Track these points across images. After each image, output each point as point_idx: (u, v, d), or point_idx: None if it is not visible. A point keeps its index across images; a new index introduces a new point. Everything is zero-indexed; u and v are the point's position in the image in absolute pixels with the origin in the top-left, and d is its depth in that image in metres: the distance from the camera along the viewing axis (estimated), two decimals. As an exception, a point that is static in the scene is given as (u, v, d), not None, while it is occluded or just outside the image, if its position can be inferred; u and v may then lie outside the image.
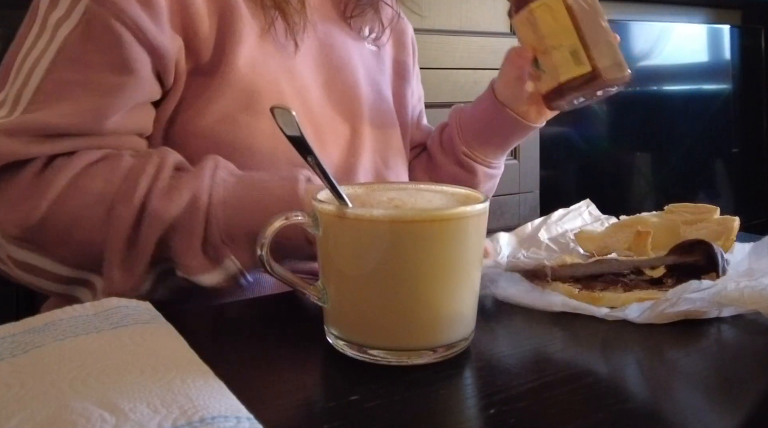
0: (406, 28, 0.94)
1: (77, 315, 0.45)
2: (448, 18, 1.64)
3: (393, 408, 0.39)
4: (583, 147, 2.17)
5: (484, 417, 0.39)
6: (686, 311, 0.51)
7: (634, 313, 0.52)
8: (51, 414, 0.33)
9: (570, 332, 0.52)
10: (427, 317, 0.45)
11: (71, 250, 0.57)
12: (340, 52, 0.80)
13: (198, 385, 0.36)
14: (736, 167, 2.57)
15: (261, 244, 0.46)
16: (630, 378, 0.44)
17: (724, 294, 0.50)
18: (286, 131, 0.44)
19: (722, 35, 2.61)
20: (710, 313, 0.52)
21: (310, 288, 0.47)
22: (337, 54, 0.79)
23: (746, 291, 0.50)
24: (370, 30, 0.85)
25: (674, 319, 0.51)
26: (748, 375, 0.44)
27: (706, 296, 0.51)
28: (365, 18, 0.84)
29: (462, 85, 1.66)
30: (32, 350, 0.40)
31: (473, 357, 0.46)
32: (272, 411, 0.39)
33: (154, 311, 0.47)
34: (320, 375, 0.45)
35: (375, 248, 0.44)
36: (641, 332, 0.50)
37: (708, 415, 0.39)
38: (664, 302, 0.51)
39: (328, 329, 0.48)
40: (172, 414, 0.32)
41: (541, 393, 0.40)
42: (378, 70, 0.86)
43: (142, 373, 0.37)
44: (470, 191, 0.50)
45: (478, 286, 0.47)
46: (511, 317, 0.56)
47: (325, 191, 0.46)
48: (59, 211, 0.56)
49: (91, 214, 0.56)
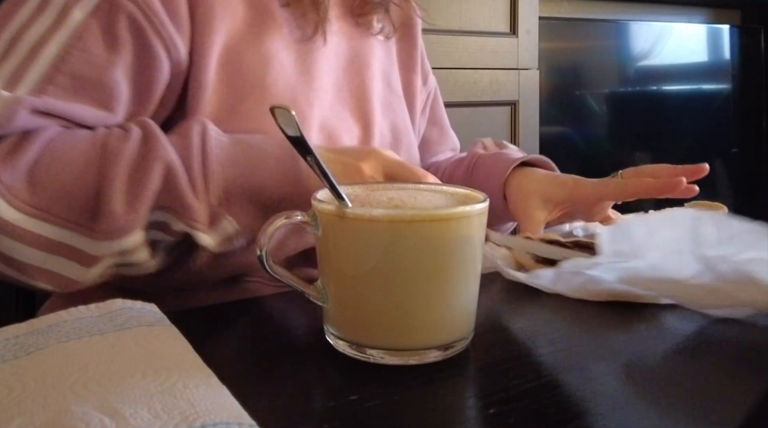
0: (415, 23, 0.92)
1: (81, 317, 0.45)
2: (448, 18, 1.64)
3: (393, 408, 0.39)
4: (583, 147, 2.17)
5: (483, 416, 0.39)
6: (607, 290, 0.56)
7: (547, 281, 0.58)
8: (51, 418, 0.33)
9: (570, 332, 0.52)
10: (426, 317, 0.45)
11: (66, 200, 0.54)
12: (352, 47, 0.80)
13: (201, 390, 0.35)
14: (735, 167, 2.57)
15: (261, 244, 0.46)
16: (630, 377, 0.44)
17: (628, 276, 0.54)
18: (286, 130, 0.44)
19: (722, 35, 2.61)
20: (645, 298, 0.56)
21: (310, 288, 0.48)
22: (348, 49, 0.79)
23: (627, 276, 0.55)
24: (379, 27, 0.84)
25: (598, 298, 0.56)
26: (749, 374, 0.44)
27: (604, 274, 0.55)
28: (375, 17, 0.83)
29: (461, 85, 1.66)
30: (35, 352, 0.40)
31: (473, 356, 0.46)
32: (271, 411, 0.39)
33: (159, 313, 0.47)
34: (320, 375, 0.45)
35: (375, 248, 0.44)
36: (641, 332, 0.50)
37: (708, 415, 0.39)
38: (567, 274, 0.57)
39: (327, 329, 0.48)
40: (174, 419, 0.32)
41: (540, 393, 0.41)
42: (388, 62, 0.85)
43: (144, 377, 0.37)
44: (470, 191, 0.50)
45: (477, 286, 0.47)
46: (511, 317, 0.56)
47: (325, 191, 0.46)
48: (48, 153, 0.54)
49: (81, 155, 0.55)
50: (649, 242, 0.53)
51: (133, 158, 0.55)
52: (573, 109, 2.22)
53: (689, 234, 0.51)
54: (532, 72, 1.78)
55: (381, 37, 0.84)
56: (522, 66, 1.76)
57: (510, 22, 1.74)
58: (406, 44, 0.89)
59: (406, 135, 0.85)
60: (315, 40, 0.73)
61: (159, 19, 0.60)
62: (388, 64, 0.85)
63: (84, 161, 0.55)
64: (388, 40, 0.85)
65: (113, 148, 0.55)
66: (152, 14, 0.60)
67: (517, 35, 1.74)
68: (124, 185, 0.54)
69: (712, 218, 0.51)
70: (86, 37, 0.58)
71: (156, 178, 0.54)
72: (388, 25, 0.84)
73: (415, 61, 0.90)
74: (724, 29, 2.61)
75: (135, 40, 0.60)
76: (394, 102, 0.84)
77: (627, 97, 2.34)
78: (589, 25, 2.26)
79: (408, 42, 0.90)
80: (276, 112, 0.43)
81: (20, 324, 0.44)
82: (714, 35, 2.59)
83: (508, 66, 1.73)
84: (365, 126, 0.78)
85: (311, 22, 0.72)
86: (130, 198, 0.54)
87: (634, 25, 2.35)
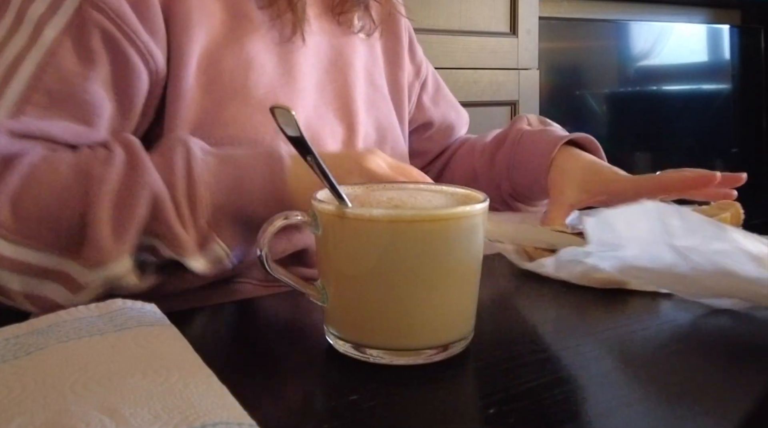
0: (398, 19, 0.91)
1: (81, 317, 0.45)
2: (448, 18, 1.64)
3: (393, 408, 0.39)
4: (583, 147, 2.17)
5: (483, 416, 0.39)
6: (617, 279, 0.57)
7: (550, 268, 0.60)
8: (51, 418, 0.33)
9: (570, 332, 0.52)
10: (426, 317, 0.45)
11: (51, 227, 0.53)
12: (334, 47, 0.79)
13: (200, 390, 0.35)
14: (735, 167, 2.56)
15: (261, 244, 0.46)
16: (629, 377, 0.44)
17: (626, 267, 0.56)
18: (286, 130, 0.44)
19: (722, 35, 2.61)
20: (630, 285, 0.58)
21: (310, 288, 0.48)
22: (330, 49, 0.79)
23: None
24: (360, 25, 0.84)
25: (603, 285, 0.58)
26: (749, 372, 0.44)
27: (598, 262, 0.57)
28: (355, 14, 0.83)
29: (461, 85, 1.66)
30: (35, 352, 0.40)
31: (472, 356, 0.46)
32: (272, 411, 0.39)
33: (159, 313, 0.47)
34: (320, 375, 0.45)
35: (374, 248, 0.44)
36: (641, 332, 0.50)
37: (708, 415, 0.39)
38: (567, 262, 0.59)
39: (327, 329, 0.48)
40: (174, 419, 0.32)
41: (540, 393, 0.41)
42: (371, 59, 0.85)
43: (144, 377, 0.37)
44: (470, 191, 0.50)
45: (477, 286, 0.47)
46: (511, 317, 0.56)
47: (325, 191, 0.46)
48: (31, 181, 0.53)
49: (65, 181, 0.54)
50: (630, 231, 0.54)
51: (119, 186, 0.54)
52: (573, 109, 2.22)
53: (660, 225, 0.52)
54: (532, 72, 1.78)
55: (362, 35, 0.83)
56: (522, 66, 1.76)
57: (510, 22, 1.74)
58: (390, 41, 0.89)
59: (390, 132, 0.84)
60: (294, 41, 0.72)
61: (133, 29, 0.59)
62: (371, 62, 0.85)
63: (68, 189, 0.54)
64: (369, 37, 0.85)
65: (97, 174, 0.54)
66: (125, 25, 0.59)
67: (517, 35, 1.74)
68: (110, 214, 0.53)
69: (675, 210, 0.52)
70: (60, 54, 0.57)
71: (143, 207, 0.54)
72: (369, 23, 0.83)
73: (399, 56, 0.89)
74: (724, 29, 2.61)
75: (110, 52, 0.59)
76: (378, 100, 0.84)
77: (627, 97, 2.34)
78: (589, 25, 2.26)
79: (391, 39, 0.89)
80: (276, 112, 0.43)
81: (20, 324, 0.44)
82: (714, 35, 2.60)
83: (508, 66, 1.73)
84: (349, 125, 0.78)
85: (289, 22, 0.72)
86: (116, 227, 0.53)
87: (634, 25, 2.35)
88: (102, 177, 0.54)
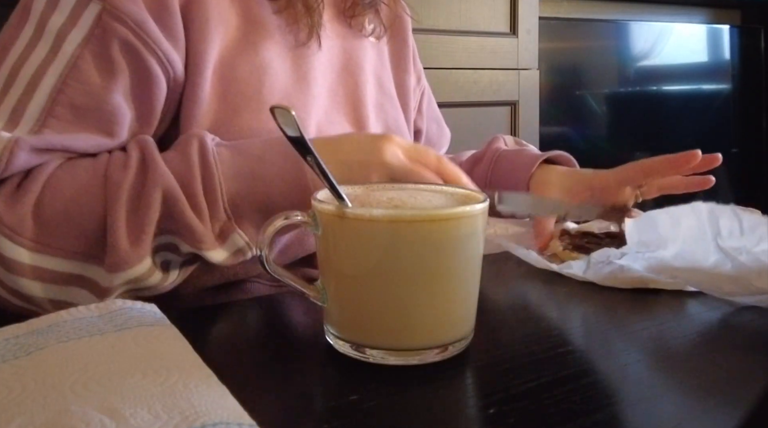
0: (405, 22, 0.92)
1: (81, 317, 0.45)
2: (448, 18, 1.64)
3: (393, 408, 0.39)
4: (583, 147, 2.17)
5: (483, 416, 0.39)
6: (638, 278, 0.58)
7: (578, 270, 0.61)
8: (51, 418, 0.33)
9: (570, 332, 0.52)
10: (426, 317, 0.45)
11: (73, 233, 0.54)
12: (345, 50, 0.79)
13: (201, 390, 0.35)
14: (735, 167, 2.57)
15: (261, 244, 0.46)
16: (629, 378, 0.44)
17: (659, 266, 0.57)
18: (286, 131, 0.44)
19: (722, 35, 2.61)
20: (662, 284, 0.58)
21: (310, 288, 0.48)
22: (342, 52, 0.79)
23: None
24: (371, 28, 0.85)
25: (629, 285, 0.58)
26: (750, 372, 0.44)
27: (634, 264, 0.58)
28: (366, 18, 0.83)
29: (461, 85, 1.66)
30: (35, 352, 0.40)
31: (472, 356, 0.46)
32: (272, 411, 0.39)
33: (159, 313, 0.47)
34: (320, 375, 0.45)
35: (374, 248, 0.44)
36: (641, 332, 0.50)
37: (708, 415, 0.39)
38: (597, 264, 0.60)
39: (327, 329, 0.48)
40: (174, 419, 0.32)
41: (540, 393, 0.41)
42: (379, 63, 0.85)
43: (144, 377, 0.37)
44: (470, 191, 0.50)
45: (477, 286, 0.47)
46: (511, 317, 0.56)
47: (325, 191, 0.46)
48: (52, 188, 0.54)
49: (85, 186, 0.55)
50: (673, 232, 0.56)
51: (132, 188, 0.54)
52: (573, 109, 2.22)
53: (708, 225, 0.53)
54: (532, 72, 1.78)
55: (372, 39, 0.84)
56: (522, 66, 1.76)
57: (510, 22, 1.74)
58: (397, 45, 0.89)
59: (398, 135, 0.84)
60: (309, 45, 0.73)
61: (153, 37, 0.59)
62: (380, 66, 0.85)
63: (87, 193, 0.54)
64: (379, 40, 0.85)
65: (114, 178, 0.55)
66: (145, 34, 0.59)
67: (517, 35, 1.74)
68: (126, 217, 0.54)
69: (726, 211, 0.53)
70: (81, 66, 0.57)
71: (155, 206, 0.54)
72: (378, 26, 0.84)
73: (407, 60, 0.90)
74: (724, 29, 2.61)
75: (130, 62, 0.59)
76: (386, 103, 0.84)
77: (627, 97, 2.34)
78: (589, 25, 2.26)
79: (399, 42, 0.90)
80: (276, 112, 0.43)
81: (20, 323, 0.44)
82: (714, 35, 2.59)
83: (508, 66, 1.73)
84: (359, 129, 0.78)
85: (305, 27, 0.72)
86: (133, 230, 0.53)
87: (634, 25, 2.35)
88: (119, 182, 0.54)
